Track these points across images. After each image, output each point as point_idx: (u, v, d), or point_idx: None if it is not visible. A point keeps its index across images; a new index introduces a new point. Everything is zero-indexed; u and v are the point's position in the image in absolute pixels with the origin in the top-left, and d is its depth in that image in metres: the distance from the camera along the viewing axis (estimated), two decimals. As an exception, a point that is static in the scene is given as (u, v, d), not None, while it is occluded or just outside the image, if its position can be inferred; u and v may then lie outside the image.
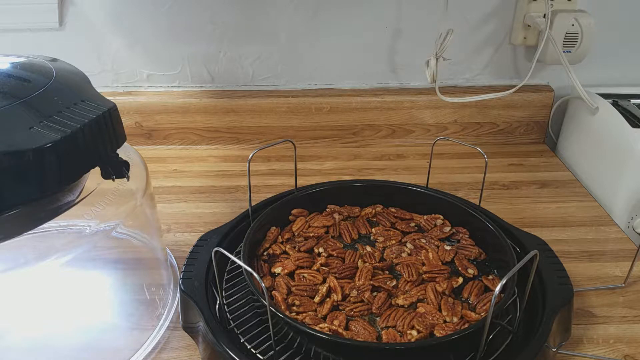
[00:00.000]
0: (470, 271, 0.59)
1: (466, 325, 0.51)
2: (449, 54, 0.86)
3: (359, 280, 0.57)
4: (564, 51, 0.88)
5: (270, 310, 0.46)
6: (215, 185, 0.86)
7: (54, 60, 0.50)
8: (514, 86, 0.91)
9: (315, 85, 0.99)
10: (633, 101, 0.87)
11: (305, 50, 0.95)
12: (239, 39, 0.94)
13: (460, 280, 0.58)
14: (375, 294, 0.56)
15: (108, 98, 0.47)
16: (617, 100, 0.88)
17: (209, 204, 0.81)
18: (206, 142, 0.99)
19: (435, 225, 0.67)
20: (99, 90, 0.49)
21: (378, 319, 0.53)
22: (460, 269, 0.60)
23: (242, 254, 0.57)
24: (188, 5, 0.90)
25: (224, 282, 0.59)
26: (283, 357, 0.49)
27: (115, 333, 0.58)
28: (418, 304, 0.54)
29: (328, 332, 0.49)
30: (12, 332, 0.59)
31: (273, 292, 0.55)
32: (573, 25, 0.87)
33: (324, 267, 0.59)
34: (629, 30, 0.94)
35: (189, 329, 0.56)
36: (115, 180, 0.48)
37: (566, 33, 0.87)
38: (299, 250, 0.62)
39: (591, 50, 0.89)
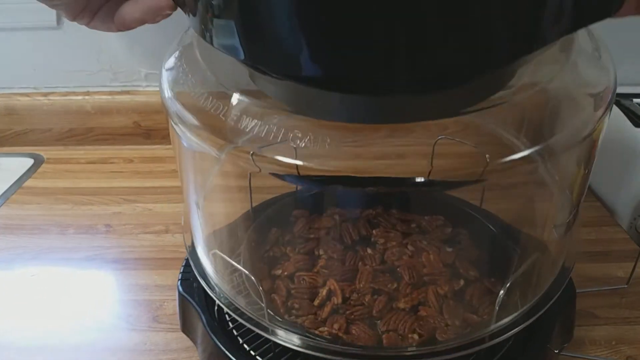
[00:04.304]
0: (472, 273, 0.59)
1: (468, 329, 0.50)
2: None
3: (359, 283, 0.57)
4: (565, 50, 0.87)
5: (269, 313, 0.46)
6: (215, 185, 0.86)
7: None
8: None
9: (316, 85, 0.98)
10: (636, 100, 0.87)
11: (305, 49, 0.95)
12: (238, 37, 0.93)
13: (462, 282, 0.58)
14: (375, 297, 0.55)
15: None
16: (620, 100, 0.87)
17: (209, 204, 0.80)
18: (206, 142, 0.98)
19: (436, 227, 0.66)
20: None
21: (379, 322, 0.53)
22: (461, 270, 0.59)
23: (241, 256, 0.56)
24: (187, 4, 0.90)
25: (224, 284, 0.59)
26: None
27: (114, 334, 0.58)
28: (419, 307, 0.54)
29: (328, 336, 0.49)
30: (10, 332, 0.59)
31: (272, 295, 0.55)
32: (575, 24, 0.86)
33: (324, 270, 0.59)
34: (629, 30, 0.93)
35: (187, 330, 0.56)
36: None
37: (568, 32, 0.87)
38: (299, 252, 0.62)
39: (593, 49, 0.89)
